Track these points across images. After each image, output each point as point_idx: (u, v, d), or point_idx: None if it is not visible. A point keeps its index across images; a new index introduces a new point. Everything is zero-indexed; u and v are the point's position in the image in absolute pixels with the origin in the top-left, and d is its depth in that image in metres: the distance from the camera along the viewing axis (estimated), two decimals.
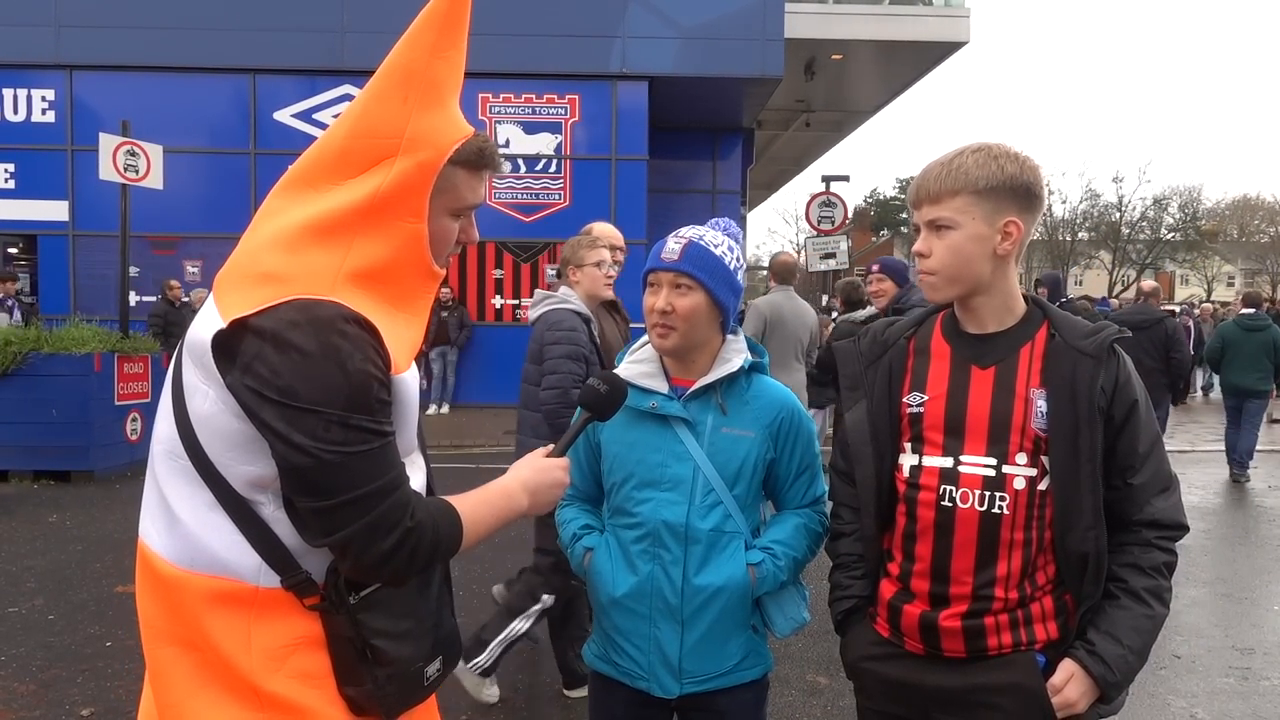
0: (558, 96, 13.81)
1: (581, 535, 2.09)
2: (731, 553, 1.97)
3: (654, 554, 1.97)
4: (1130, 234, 47.48)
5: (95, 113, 13.14)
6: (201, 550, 1.36)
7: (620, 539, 2.02)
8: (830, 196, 15.46)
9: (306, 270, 1.35)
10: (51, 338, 8.61)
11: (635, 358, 2.08)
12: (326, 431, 1.28)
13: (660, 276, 1.96)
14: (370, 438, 1.32)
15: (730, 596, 1.96)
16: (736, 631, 1.99)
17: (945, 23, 14.79)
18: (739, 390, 2.02)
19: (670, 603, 1.96)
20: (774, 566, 1.97)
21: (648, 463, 1.99)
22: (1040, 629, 1.68)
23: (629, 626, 1.99)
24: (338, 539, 1.31)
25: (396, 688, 1.41)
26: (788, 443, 2.03)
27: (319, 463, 1.28)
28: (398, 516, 1.34)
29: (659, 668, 1.97)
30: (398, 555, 1.34)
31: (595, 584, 2.05)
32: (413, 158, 1.39)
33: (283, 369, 1.27)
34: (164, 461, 1.40)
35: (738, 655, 2.00)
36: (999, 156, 1.65)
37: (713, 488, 1.96)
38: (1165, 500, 1.68)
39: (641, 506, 1.98)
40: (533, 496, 1.61)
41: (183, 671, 1.39)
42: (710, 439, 1.98)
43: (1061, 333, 1.68)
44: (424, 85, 1.41)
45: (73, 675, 4.09)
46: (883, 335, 1.84)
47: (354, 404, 1.30)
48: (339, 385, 1.28)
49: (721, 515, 1.97)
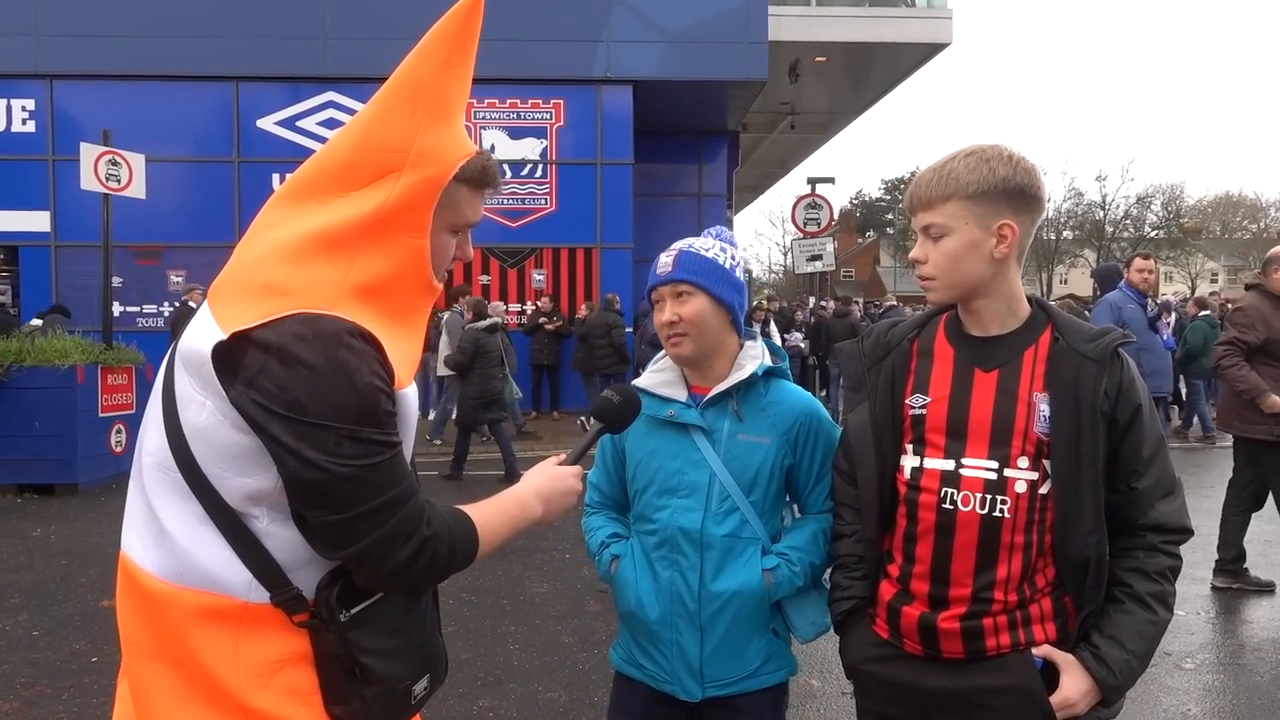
0: (543, 101, 13.81)
1: (609, 543, 2.13)
2: (748, 559, 1.99)
3: (672, 560, 2.01)
4: (1114, 232, 47.87)
5: (76, 122, 13.04)
6: (190, 565, 1.34)
7: (644, 545, 2.06)
8: (816, 198, 15.53)
9: (310, 283, 1.33)
10: (34, 350, 8.53)
11: (657, 368, 2.12)
12: (338, 446, 1.28)
13: (661, 292, 2.01)
14: (381, 449, 1.32)
15: (746, 601, 1.98)
16: (755, 635, 2.02)
17: (928, 24, 14.87)
18: (756, 396, 2.04)
19: (689, 608, 1.99)
20: (789, 572, 1.99)
21: (666, 470, 2.03)
22: (1039, 630, 1.68)
23: (652, 632, 2.03)
24: (354, 551, 1.31)
25: (384, 707, 1.40)
26: (807, 448, 2.05)
27: (332, 477, 1.28)
28: (414, 526, 1.34)
29: (682, 671, 2.01)
30: (416, 564, 1.34)
31: (620, 591, 2.08)
32: (420, 173, 1.39)
33: (290, 383, 1.26)
34: (153, 474, 1.38)
35: (759, 659, 2.02)
36: (991, 159, 1.65)
37: (729, 494, 1.99)
38: (1169, 504, 1.68)
39: (660, 513, 2.02)
40: (546, 505, 1.62)
41: (165, 688, 1.37)
42: (726, 446, 2.01)
43: (1065, 336, 1.68)
44: (433, 101, 1.40)
45: (57, 692, 4.04)
46: (886, 336, 1.84)
47: (364, 418, 1.30)
48: (348, 399, 1.28)
49: (738, 521, 1.99)
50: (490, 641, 4.70)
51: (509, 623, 4.98)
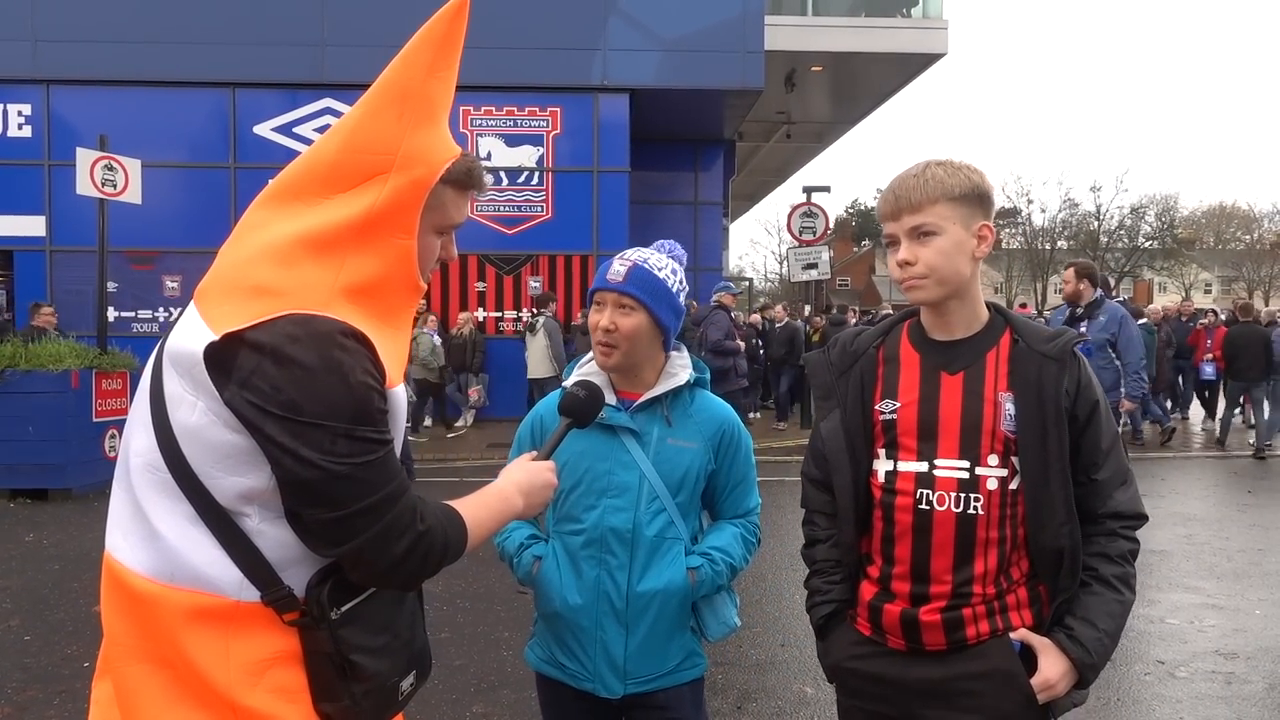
0: (539, 109, 13.82)
1: (529, 545, 2.16)
2: (673, 558, 2.07)
3: (600, 559, 2.06)
4: (1108, 242, 48.04)
5: (73, 127, 13.02)
6: (181, 565, 1.35)
7: (567, 545, 2.10)
8: (811, 207, 15.54)
9: (301, 284, 1.35)
10: (28, 354, 8.51)
11: (584, 371, 2.17)
12: (334, 445, 1.29)
13: (605, 296, 2.06)
14: (375, 447, 1.34)
15: (670, 599, 2.05)
16: (677, 633, 2.09)
17: (924, 34, 14.92)
18: (683, 404, 2.14)
19: (615, 606, 2.05)
20: (712, 571, 2.08)
21: (595, 471, 2.08)
22: (1015, 617, 1.75)
23: (575, 631, 2.07)
24: (350, 548, 1.33)
25: (372, 703, 1.42)
26: (728, 455, 2.14)
27: (328, 475, 1.30)
28: (408, 521, 1.36)
29: (604, 669, 2.06)
30: (411, 559, 1.37)
31: (543, 592, 2.11)
32: (407, 175, 1.41)
33: (284, 384, 1.28)
34: (141, 474, 1.38)
35: (678, 656, 2.10)
36: (961, 168, 1.75)
37: (657, 495, 2.06)
38: (1125, 492, 1.77)
39: (589, 513, 2.07)
40: (527, 498, 1.66)
41: (154, 689, 1.37)
42: (656, 449, 2.08)
43: (1025, 338, 1.76)
44: (419, 103, 1.43)
45: (49, 697, 4.03)
46: (852, 346, 1.90)
47: (358, 416, 1.32)
48: (343, 399, 1.30)
49: (665, 522, 2.07)
50: (484, 648, 4.70)
51: (503, 629, 4.98)
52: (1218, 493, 9.11)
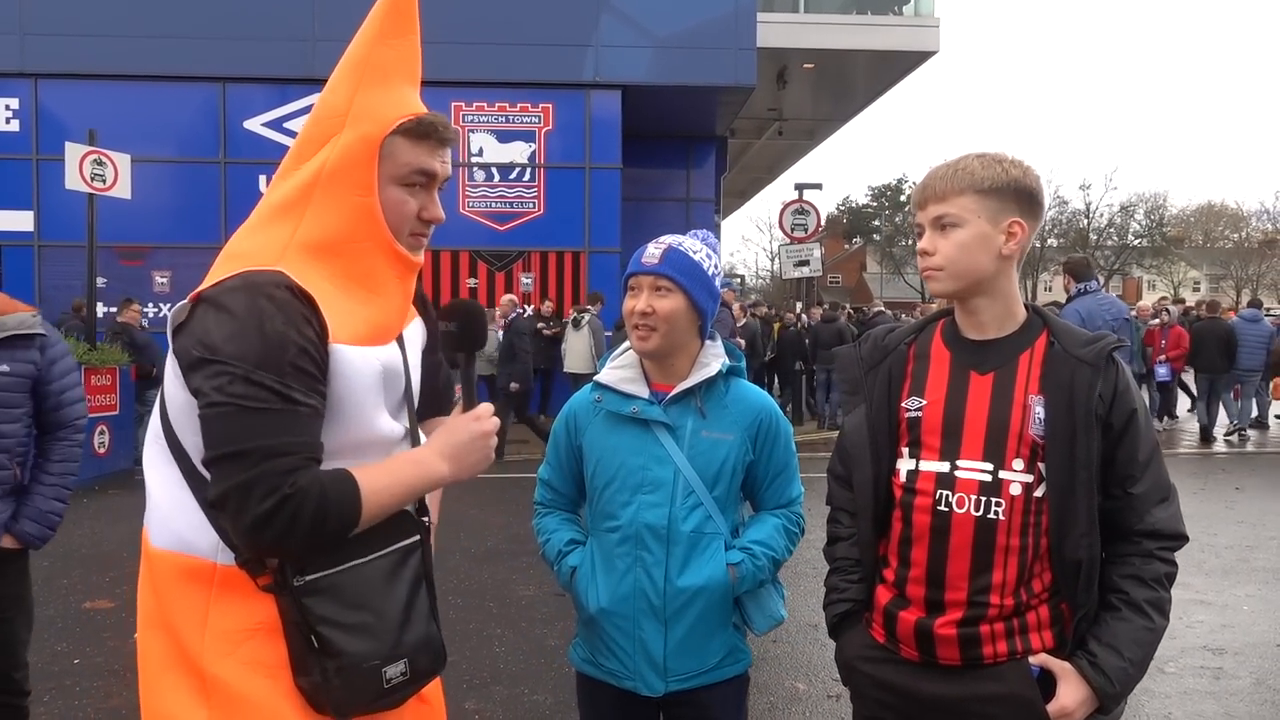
0: (531, 105, 13.79)
1: (567, 552, 2.13)
2: (712, 553, 2.02)
3: (636, 556, 2.02)
4: (1098, 240, 48.18)
5: (61, 121, 12.92)
6: (170, 528, 1.41)
7: (603, 544, 2.07)
8: (803, 204, 15.58)
9: (262, 246, 1.44)
10: None
11: (617, 364, 2.13)
12: (230, 384, 1.31)
13: (641, 280, 2.03)
14: (271, 398, 1.32)
15: (711, 596, 2.01)
16: (718, 630, 2.05)
17: (915, 32, 14.93)
18: (718, 394, 2.08)
19: (653, 604, 2.01)
20: (753, 566, 2.03)
21: (629, 466, 2.04)
22: (1035, 638, 1.67)
23: (614, 630, 2.03)
24: (216, 494, 1.33)
25: (344, 683, 1.38)
26: (766, 445, 2.09)
27: (216, 412, 1.32)
28: (276, 481, 1.30)
29: (644, 667, 2.02)
30: (276, 520, 1.29)
31: (581, 596, 2.08)
32: (355, 131, 1.48)
33: (211, 327, 1.34)
34: (149, 446, 1.47)
35: (720, 653, 2.05)
36: (1002, 161, 1.69)
37: (693, 489, 2.01)
38: (1165, 510, 1.67)
39: (625, 509, 2.03)
40: (453, 461, 1.52)
41: (156, 653, 1.43)
42: (690, 442, 2.03)
43: (1061, 341, 1.69)
44: (368, 68, 1.51)
45: (39, 694, 3.99)
46: (883, 341, 1.86)
47: (263, 363, 1.32)
48: (253, 343, 1.32)
49: (702, 516, 2.02)
50: (476, 644, 4.69)
51: (495, 625, 4.98)
52: (1206, 490, 9.16)
